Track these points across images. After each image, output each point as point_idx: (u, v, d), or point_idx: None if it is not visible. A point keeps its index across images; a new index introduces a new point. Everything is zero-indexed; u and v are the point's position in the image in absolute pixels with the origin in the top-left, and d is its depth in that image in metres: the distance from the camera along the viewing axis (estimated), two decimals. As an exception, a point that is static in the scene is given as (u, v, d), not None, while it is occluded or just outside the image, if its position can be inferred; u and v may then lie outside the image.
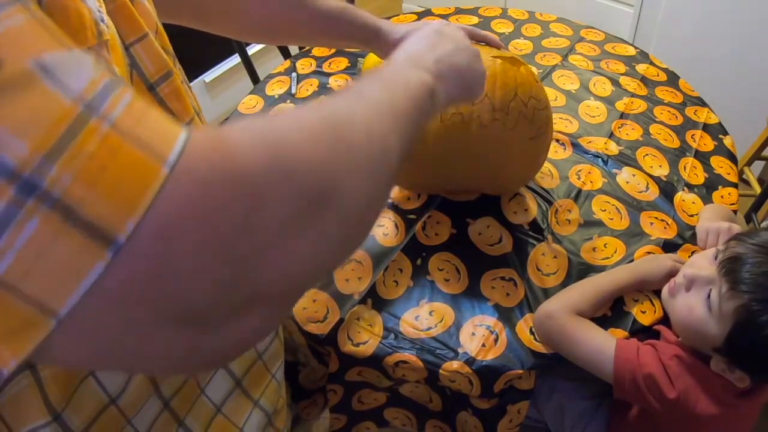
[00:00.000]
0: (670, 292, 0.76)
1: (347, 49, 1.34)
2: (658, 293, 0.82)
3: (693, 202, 0.97)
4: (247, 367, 0.60)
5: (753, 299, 0.65)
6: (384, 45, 0.76)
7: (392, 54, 0.51)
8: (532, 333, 0.78)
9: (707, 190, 1.00)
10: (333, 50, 1.35)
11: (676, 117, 1.16)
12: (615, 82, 1.23)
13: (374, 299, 0.81)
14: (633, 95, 1.20)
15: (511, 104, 0.78)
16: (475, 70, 0.58)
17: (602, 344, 0.73)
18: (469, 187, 0.94)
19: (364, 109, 0.35)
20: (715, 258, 0.71)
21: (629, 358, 0.71)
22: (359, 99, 0.37)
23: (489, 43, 0.82)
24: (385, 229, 0.90)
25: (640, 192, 0.98)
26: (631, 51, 1.36)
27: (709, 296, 0.69)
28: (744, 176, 1.59)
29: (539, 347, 0.76)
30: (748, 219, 1.30)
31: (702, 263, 0.73)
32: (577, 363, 0.74)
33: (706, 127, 1.14)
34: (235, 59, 2.18)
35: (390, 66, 0.48)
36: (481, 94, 0.60)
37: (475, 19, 1.45)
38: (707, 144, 1.10)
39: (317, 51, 1.35)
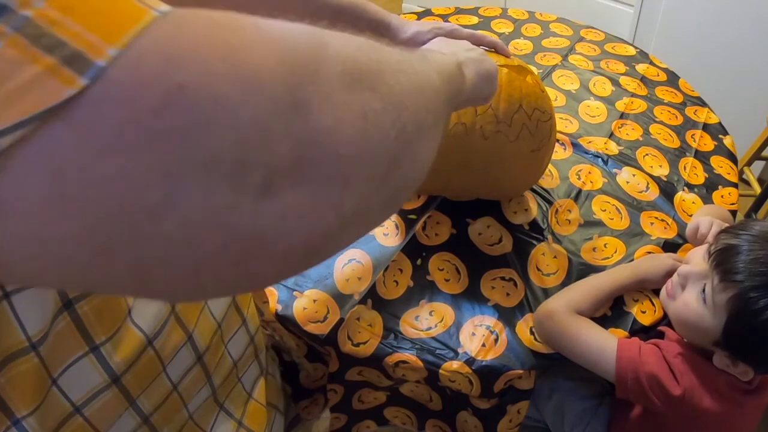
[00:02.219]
0: (668, 294, 0.76)
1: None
2: (658, 293, 0.82)
3: (693, 202, 0.97)
4: (225, 375, 0.60)
5: (745, 288, 0.65)
6: (393, 40, 0.76)
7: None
8: (532, 333, 0.78)
9: (707, 190, 1.00)
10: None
11: (676, 117, 1.16)
12: (615, 82, 1.23)
13: (374, 299, 0.81)
14: (633, 95, 1.20)
15: (514, 116, 0.77)
16: (489, 62, 0.56)
17: (604, 343, 0.73)
18: (470, 196, 0.94)
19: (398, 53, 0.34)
20: (708, 253, 0.71)
21: (631, 357, 0.71)
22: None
23: (496, 50, 0.82)
24: (385, 229, 0.90)
25: (640, 192, 0.98)
26: (631, 51, 1.36)
27: (703, 290, 0.70)
28: (744, 176, 1.59)
29: (539, 347, 0.76)
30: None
31: (696, 260, 0.73)
32: (578, 362, 0.74)
33: (706, 127, 1.14)
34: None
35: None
36: (496, 89, 0.59)
37: (475, 19, 1.45)
38: (707, 144, 1.10)
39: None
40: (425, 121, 0.33)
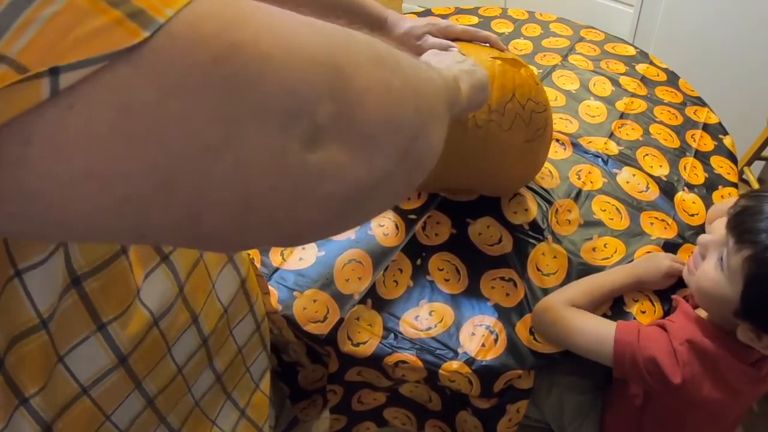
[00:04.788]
0: (689, 270, 0.74)
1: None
2: (658, 293, 0.82)
3: (693, 202, 0.97)
4: (229, 361, 0.60)
5: (761, 248, 0.62)
6: (388, 36, 0.76)
7: None
8: (531, 333, 0.78)
9: (707, 189, 1.00)
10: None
11: (676, 117, 1.16)
12: (615, 82, 1.23)
13: (374, 299, 0.81)
14: (633, 95, 1.20)
15: (507, 105, 0.78)
16: (480, 72, 0.59)
17: (601, 329, 0.72)
18: (466, 188, 0.94)
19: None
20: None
21: (629, 340, 0.70)
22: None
23: (491, 44, 0.82)
24: (385, 229, 0.90)
25: (640, 192, 0.98)
26: (631, 51, 1.36)
27: (721, 258, 0.67)
28: (744, 176, 1.59)
29: (539, 347, 0.76)
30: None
31: (717, 229, 0.71)
32: (576, 351, 0.74)
33: (706, 127, 1.14)
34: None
35: None
36: (489, 96, 0.61)
37: (475, 19, 1.45)
38: (707, 144, 1.10)
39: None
40: (436, 108, 0.37)
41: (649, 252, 0.87)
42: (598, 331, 0.73)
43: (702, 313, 0.74)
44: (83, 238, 0.35)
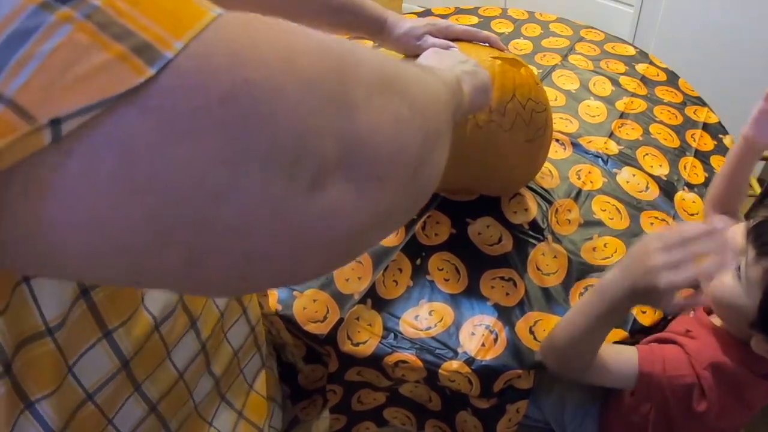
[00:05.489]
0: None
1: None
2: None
3: (693, 202, 0.97)
4: (227, 364, 0.60)
5: None
6: (389, 37, 0.76)
7: None
8: (531, 333, 0.77)
9: (707, 189, 0.99)
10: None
11: (676, 116, 1.16)
12: (615, 82, 1.23)
13: (374, 299, 0.81)
14: (633, 95, 1.20)
15: (508, 105, 0.78)
16: (482, 73, 0.59)
17: (621, 363, 0.69)
18: (466, 188, 0.93)
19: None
20: (746, 230, 0.68)
21: (655, 372, 0.68)
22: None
23: (491, 44, 0.82)
24: (384, 229, 0.90)
25: (641, 192, 0.98)
26: (631, 51, 1.36)
27: (739, 267, 0.66)
28: (744, 176, 1.59)
29: (539, 347, 0.76)
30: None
31: (735, 237, 0.69)
32: (598, 384, 0.72)
33: (705, 127, 1.14)
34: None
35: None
36: (491, 98, 0.61)
37: (474, 19, 1.45)
38: (707, 143, 1.10)
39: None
40: (441, 128, 0.35)
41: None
42: (619, 368, 0.69)
43: (715, 320, 0.73)
44: (77, 278, 0.34)
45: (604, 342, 0.67)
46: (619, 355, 0.71)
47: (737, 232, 0.70)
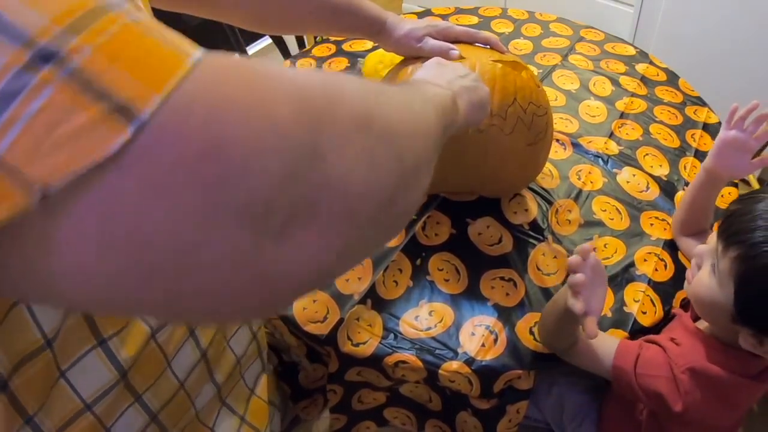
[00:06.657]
0: (687, 280, 0.74)
1: (347, 49, 1.34)
2: (658, 293, 0.82)
3: (693, 202, 0.97)
4: (229, 372, 0.60)
5: (746, 247, 0.61)
6: (389, 38, 0.76)
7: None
8: (531, 333, 0.77)
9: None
10: (333, 50, 1.35)
11: (676, 116, 1.16)
12: (615, 82, 1.23)
13: (374, 299, 0.81)
14: (633, 95, 1.20)
15: (509, 109, 0.77)
16: (482, 89, 0.60)
17: (600, 352, 0.72)
18: (467, 190, 0.94)
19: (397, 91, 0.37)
20: None
21: (626, 368, 0.70)
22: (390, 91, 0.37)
23: (491, 46, 0.82)
24: (384, 229, 0.90)
25: (641, 192, 0.98)
26: (631, 51, 1.36)
27: (713, 264, 0.67)
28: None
29: (539, 347, 0.76)
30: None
31: (712, 239, 0.70)
32: (579, 366, 0.74)
33: (705, 127, 1.14)
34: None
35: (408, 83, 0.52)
36: (488, 113, 0.62)
37: (474, 19, 1.45)
38: (707, 143, 1.10)
39: (317, 51, 1.35)
40: (423, 159, 0.35)
41: (649, 252, 0.87)
42: (598, 356, 0.72)
43: (702, 324, 0.73)
44: (64, 308, 0.36)
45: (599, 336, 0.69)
46: (601, 344, 0.73)
47: (714, 234, 0.70)
